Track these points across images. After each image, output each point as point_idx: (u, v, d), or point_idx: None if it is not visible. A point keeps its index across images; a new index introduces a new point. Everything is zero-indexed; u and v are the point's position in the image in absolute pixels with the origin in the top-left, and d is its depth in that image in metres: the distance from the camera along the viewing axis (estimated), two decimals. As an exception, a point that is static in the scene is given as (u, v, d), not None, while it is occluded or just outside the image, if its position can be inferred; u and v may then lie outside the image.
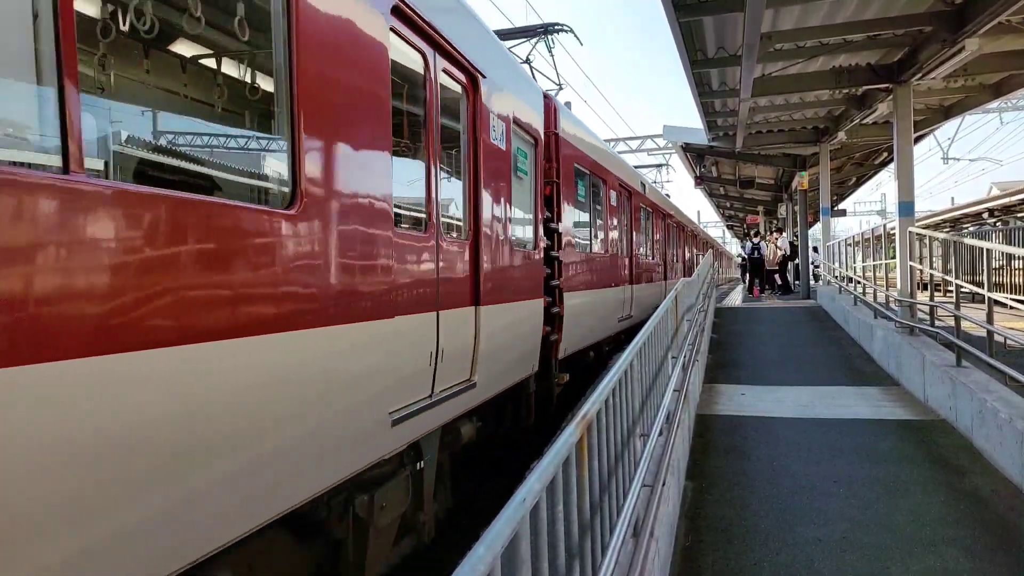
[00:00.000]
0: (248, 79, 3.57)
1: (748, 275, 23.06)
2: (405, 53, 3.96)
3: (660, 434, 4.01)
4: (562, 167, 7.49)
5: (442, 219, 4.36)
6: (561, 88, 9.61)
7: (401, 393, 3.71)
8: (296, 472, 2.85)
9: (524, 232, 6.39)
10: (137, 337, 2.09)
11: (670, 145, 25.76)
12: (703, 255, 18.21)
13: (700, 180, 23.51)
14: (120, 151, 3.14)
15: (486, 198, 5.07)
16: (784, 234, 22.44)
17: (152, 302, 2.15)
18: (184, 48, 3.36)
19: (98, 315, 1.98)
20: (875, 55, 10.13)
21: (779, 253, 21.20)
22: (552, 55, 9.36)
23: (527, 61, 8.66)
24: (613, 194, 10.32)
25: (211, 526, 2.43)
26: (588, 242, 9.13)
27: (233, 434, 2.47)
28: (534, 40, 9.10)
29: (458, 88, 4.72)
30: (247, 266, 2.52)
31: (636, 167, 16.85)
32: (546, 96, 7.27)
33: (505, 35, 8.86)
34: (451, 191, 4.81)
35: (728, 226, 55.62)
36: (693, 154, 20.12)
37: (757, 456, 5.94)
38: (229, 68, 3.54)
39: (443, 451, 4.66)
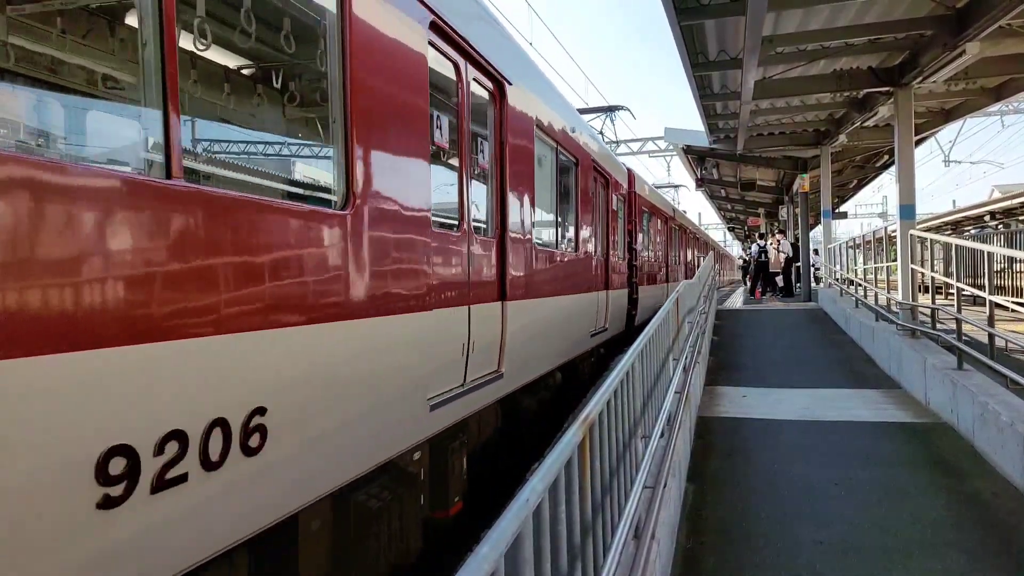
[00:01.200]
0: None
1: (751, 277, 23.04)
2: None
3: (661, 436, 4.02)
4: (636, 212, 12.28)
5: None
6: (618, 144, 18.39)
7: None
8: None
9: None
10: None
11: (671, 147, 25.80)
12: (705, 257, 19.44)
13: (701, 182, 23.52)
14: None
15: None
16: (786, 236, 22.45)
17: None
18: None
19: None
20: (876, 58, 10.15)
21: (781, 255, 21.20)
22: (614, 124, 15.19)
23: (601, 132, 14.35)
24: (658, 222, 15.75)
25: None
26: (648, 253, 13.98)
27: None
28: (603, 116, 17.92)
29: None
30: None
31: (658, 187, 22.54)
32: (630, 171, 12.06)
33: (583, 111, 13.92)
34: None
35: (729, 228, 55.64)
36: (694, 156, 20.14)
37: (758, 458, 5.94)
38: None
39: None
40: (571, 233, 7.90)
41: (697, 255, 24.67)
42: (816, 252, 22.36)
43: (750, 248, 24.38)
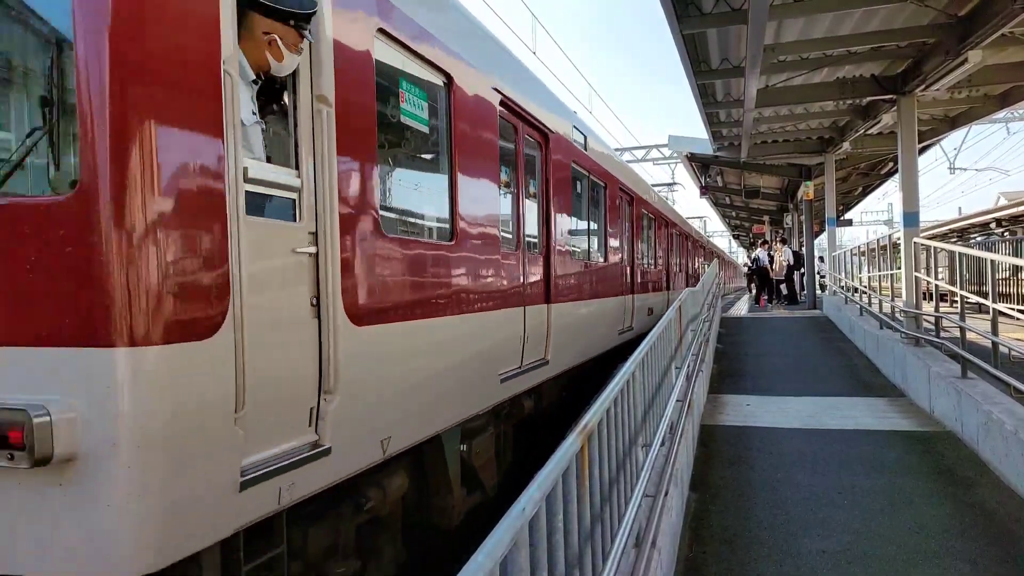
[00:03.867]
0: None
1: (755, 285, 23.05)
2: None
3: (663, 444, 4.02)
4: (658, 226, 14.06)
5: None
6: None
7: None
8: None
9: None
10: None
11: (675, 154, 25.83)
12: (708, 263, 19.76)
13: (705, 190, 23.54)
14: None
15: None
16: (788, 244, 22.45)
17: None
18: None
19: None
20: (879, 66, 10.15)
21: (784, 263, 21.20)
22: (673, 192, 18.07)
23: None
24: (673, 233, 17.14)
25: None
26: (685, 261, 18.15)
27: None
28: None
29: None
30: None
31: (654, 186, 22.46)
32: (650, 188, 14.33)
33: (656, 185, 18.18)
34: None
35: (734, 235, 55.56)
36: (698, 164, 20.16)
37: (761, 467, 5.93)
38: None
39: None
40: (603, 247, 9.05)
41: (703, 263, 26.13)
42: (821, 260, 22.33)
43: (754, 255, 24.46)
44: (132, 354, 2.15)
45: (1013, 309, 5.88)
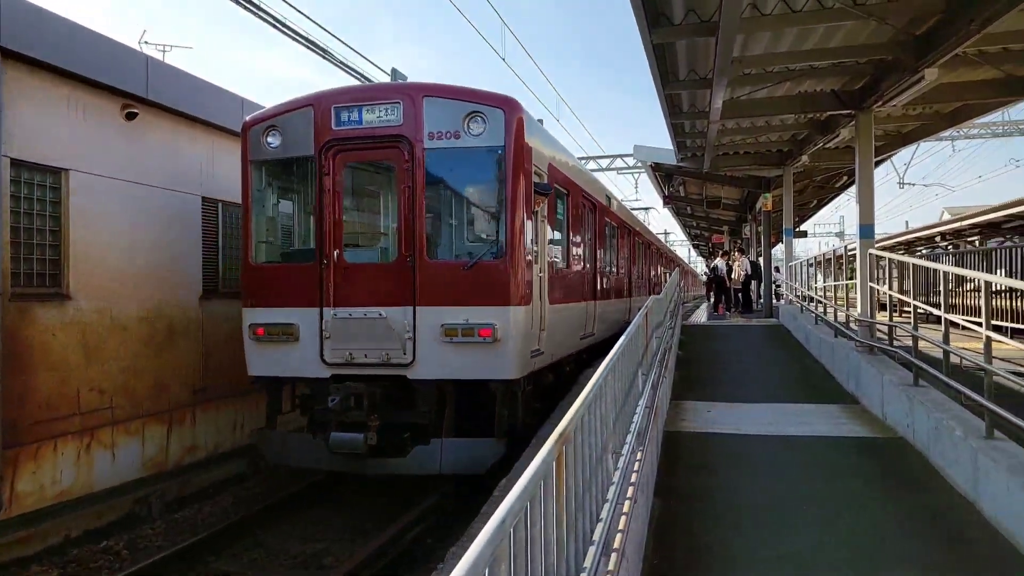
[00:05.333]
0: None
1: (714, 293, 23.45)
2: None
3: (631, 451, 4.03)
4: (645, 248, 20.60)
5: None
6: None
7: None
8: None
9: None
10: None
11: (639, 164, 26.13)
12: (670, 272, 20.74)
13: (669, 199, 23.86)
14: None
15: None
16: (746, 254, 22.90)
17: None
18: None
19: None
20: (839, 82, 10.43)
21: (742, 273, 21.62)
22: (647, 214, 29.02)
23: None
24: (655, 252, 24.37)
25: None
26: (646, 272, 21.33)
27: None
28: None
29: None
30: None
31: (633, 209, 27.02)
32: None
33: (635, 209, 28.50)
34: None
35: (694, 245, 56.45)
36: (662, 174, 20.41)
37: (724, 472, 6.00)
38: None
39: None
40: (618, 264, 14.42)
41: (664, 271, 28.05)
42: (777, 269, 22.84)
43: (713, 264, 24.94)
44: (513, 308, 6.96)
45: (965, 320, 6.07)
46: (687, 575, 4.11)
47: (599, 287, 11.87)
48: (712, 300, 23.95)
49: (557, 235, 9.46)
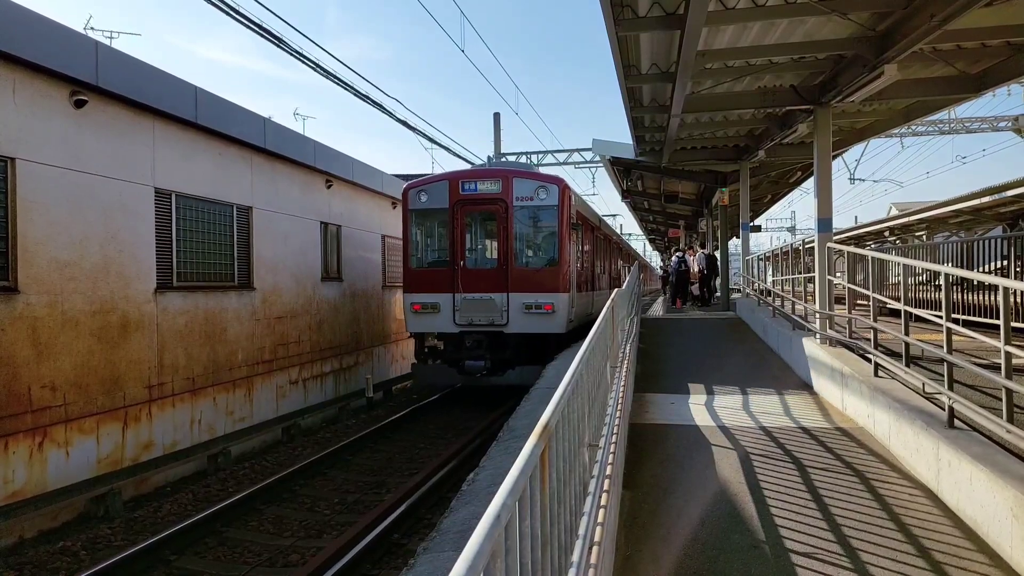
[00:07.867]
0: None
1: (671, 287, 23.75)
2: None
3: (607, 444, 3.99)
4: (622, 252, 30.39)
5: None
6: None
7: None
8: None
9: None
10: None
11: (597, 158, 26.23)
12: (630, 268, 21.96)
13: (627, 194, 24.02)
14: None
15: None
16: (704, 249, 23.24)
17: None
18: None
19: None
20: (798, 77, 10.58)
21: (698, 267, 21.94)
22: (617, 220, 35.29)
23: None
24: (627, 254, 34.41)
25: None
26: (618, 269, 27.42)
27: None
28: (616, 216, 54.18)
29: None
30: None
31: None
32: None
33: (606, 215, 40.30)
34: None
35: (650, 239, 57.07)
36: (621, 168, 20.52)
37: (690, 464, 6.03)
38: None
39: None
40: (605, 265, 20.01)
41: (624, 265, 31.01)
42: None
43: (670, 260, 25.32)
44: (561, 295, 13.41)
45: (929, 314, 6.21)
46: (659, 565, 4.10)
47: (595, 281, 18.62)
48: (669, 294, 24.26)
49: (576, 250, 14.95)
